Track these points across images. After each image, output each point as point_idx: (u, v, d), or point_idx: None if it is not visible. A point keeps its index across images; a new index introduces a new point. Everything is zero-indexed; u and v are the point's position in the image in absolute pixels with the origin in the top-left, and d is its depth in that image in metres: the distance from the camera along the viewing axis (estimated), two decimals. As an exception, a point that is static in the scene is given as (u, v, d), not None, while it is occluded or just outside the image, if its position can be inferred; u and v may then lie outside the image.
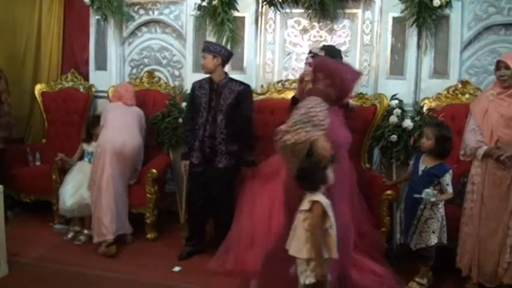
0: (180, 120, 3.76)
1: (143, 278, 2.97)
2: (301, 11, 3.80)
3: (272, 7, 3.81)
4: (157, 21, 4.28)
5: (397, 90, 3.53)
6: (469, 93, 3.47)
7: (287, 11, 3.88)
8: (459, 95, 3.50)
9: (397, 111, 3.41)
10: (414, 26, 3.52)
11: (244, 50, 3.93)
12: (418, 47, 3.60)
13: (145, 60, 4.37)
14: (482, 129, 2.75)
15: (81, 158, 3.77)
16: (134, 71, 4.40)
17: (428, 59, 3.59)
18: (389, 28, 3.64)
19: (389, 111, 3.44)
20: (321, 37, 3.86)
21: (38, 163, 4.19)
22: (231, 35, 3.85)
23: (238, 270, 2.91)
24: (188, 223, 3.47)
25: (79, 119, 4.27)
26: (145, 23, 4.31)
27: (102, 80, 4.31)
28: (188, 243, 3.36)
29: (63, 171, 3.71)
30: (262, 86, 3.90)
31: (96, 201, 3.33)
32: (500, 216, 2.69)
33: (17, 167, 4.00)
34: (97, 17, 4.26)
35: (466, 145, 2.82)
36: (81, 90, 4.34)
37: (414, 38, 3.58)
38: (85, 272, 3.03)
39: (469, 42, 3.60)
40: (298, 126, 2.27)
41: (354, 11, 3.78)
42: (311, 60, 3.00)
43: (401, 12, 3.55)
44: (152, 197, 3.57)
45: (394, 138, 3.36)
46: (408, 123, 3.35)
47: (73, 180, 3.57)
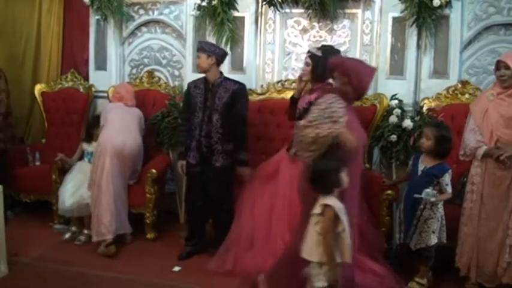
0: (179, 120, 3.77)
1: (143, 278, 2.97)
2: (301, 11, 3.79)
3: (272, 7, 3.81)
4: (157, 21, 4.28)
5: (397, 90, 3.53)
6: (469, 93, 3.47)
7: (287, 11, 3.88)
8: (459, 95, 3.50)
9: (397, 111, 3.42)
10: (414, 26, 3.52)
11: (244, 50, 3.93)
12: (418, 47, 3.60)
13: (145, 60, 4.36)
14: (482, 129, 2.75)
15: (81, 158, 3.77)
16: (134, 71, 4.40)
17: (428, 59, 3.59)
18: (389, 28, 3.63)
19: (389, 111, 3.45)
20: (320, 37, 3.86)
21: (37, 163, 4.18)
22: (231, 35, 3.85)
23: (238, 270, 2.91)
24: (187, 223, 3.47)
25: (79, 119, 4.27)
26: (145, 23, 4.31)
27: (102, 80, 4.31)
28: (188, 243, 3.36)
29: (63, 171, 3.71)
30: (262, 86, 3.90)
31: (95, 200, 3.34)
32: (499, 216, 2.69)
33: (16, 167, 4.00)
34: (97, 17, 4.26)
35: (465, 145, 2.82)
36: (81, 90, 4.34)
37: (414, 38, 3.58)
38: (85, 272, 3.03)
39: (469, 42, 3.60)
40: (318, 121, 2.25)
41: (353, 11, 3.78)
42: (309, 60, 3.01)
43: (401, 12, 3.55)
44: (152, 197, 3.57)
45: (393, 138, 3.36)
46: (408, 123, 3.35)
47: (73, 180, 3.57)
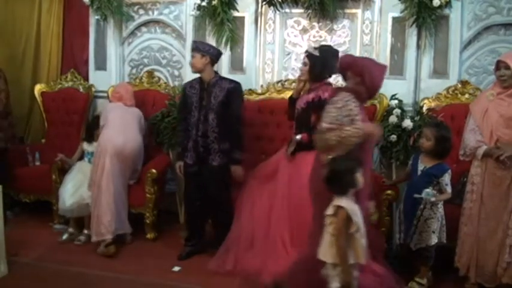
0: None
1: (143, 278, 2.97)
2: (301, 11, 3.79)
3: (272, 7, 3.81)
4: (157, 21, 4.28)
5: (397, 90, 3.53)
6: (469, 93, 3.47)
7: (287, 11, 3.88)
8: (459, 95, 3.50)
9: (397, 111, 3.42)
10: (414, 26, 3.52)
11: (243, 50, 3.93)
12: (418, 47, 3.60)
13: (145, 60, 4.36)
14: (482, 129, 2.75)
15: (81, 158, 3.77)
16: (134, 71, 4.40)
17: (428, 59, 3.59)
18: (389, 28, 3.64)
19: (389, 111, 3.45)
20: (320, 37, 3.86)
21: (37, 163, 4.19)
22: (231, 35, 3.85)
23: (238, 270, 2.91)
24: (187, 223, 3.47)
25: (79, 119, 4.27)
26: (145, 23, 4.31)
27: (101, 80, 4.31)
28: (188, 243, 3.36)
29: (63, 171, 3.70)
30: (262, 86, 3.90)
31: (95, 200, 3.34)
32: (499, 216, 2.68)
33: (16, 167, 4.00)
34: (97, 17, 4.26)
35: (465, 145, 2.81)
36: (81, 90, 4.34)
37: (414, 38, 3.58)
38: (85, 272, 3.02)
39: (469, 42, 3.60)
40: (339, 121, 2.22)
41: (353, 11, 3.77)
42: (306, 59, 3.02)
43: (401, 12, 3.55)
44: (152, 197, 3.57)
45: (393, 138, 3.36)
46: (408, 123, 3.35)
47: (73, 180, 3.57)
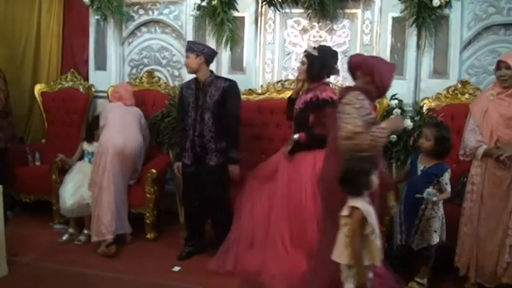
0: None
1: (143, 278, 2.97)
2: (301, 11, 3.80)
3: (272, 7, 3.81)
4: (157, 21, 4.28)
5: (397, 90, 3.52)
6: (469, 93, 3.47)
7: (287, 11, 3.88)
8: (459, 95, 3.51)
9: (397, 111, 3.42)
10: (414, 26, 3.52)
11: (243, 50, 3.93)
12: (418, 47, 3.60)
13: (145, 60, 4.36)
14: (482, 129, 2.75)
15: (81, 158, 3.77)
16: (134, 71, 4.40)
17: (428, 59, 3.59)
18: (389, 28, 3.64)
19: (389, 111, 3.45)
20: (320, 37, 3.87)
21: (37, 163, 4.19)
22: (231, 35, 3.85)
23: (238, 270, 2.92)
24: (186, 224, 3.46)
25: (79, 119, 4.27)
26: (145, 23, 4.31)
27: (101, 80, 4.31)
28: (188, 243, 3.36)
29: (63, 171, 3.70)
30: (262, 86, 3.90)
31: (96, 200, 3.33)
32: (499, 216, 2.68)
33: (16, 167, 3.99)
34: (97, 17, 4.26)
35: (465, 145, 2.81)
36: (81, 90, 4.34)
37: (414, 38, 3.58)
38: (85, 272, 3.02)
39: (469, 42, 3.60)
40: (364, 123, 2.21)
41: (353, 11, 3.78)
42: (305, 59, 3.04)
43: (401, 12, 3.55)
44: (152, 197, 3.56)
45: (393, 138, 3.36)
46: (408, 123, 3.35)
47: (73, 180, 3.56)
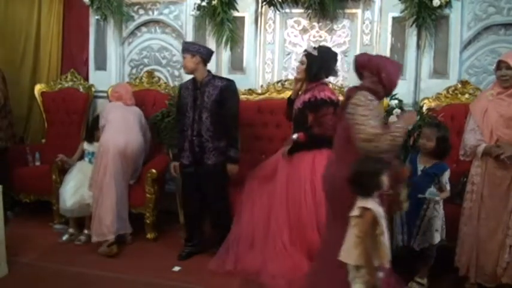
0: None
1: (143, 278, 2.97)
2: (301, 11, 3.80)
3: (272, 7, 3.82)
4: (157, 21, 4.28)
5: (397, 90, 3.42)
6: (469, 93, 3.47)
7: (287, 11, 3.88)
8: (459, 95, 3.51)
9: (397, 111, 3.41)
10: (414, 26, 3.52)
11: (243, 50, 3.94)
12: (418, 47, 3.60)
13: (145, 60, 4.36)
14: (482, 129, 2.75)
15: (81, 158, 3.76)
16: (134, 71, 4.40)
17: (428, 59, 3.59)
18: (389, 28, 3.64)
19: (389, 111, 3.44)
20: (320, 37, 3.87)
21: (37, 163, 4.19)
22: (231, 35, 3.86)
23: (239, 270, 2.92)
24: (185, 225, 3.46)
25: (79, 119, 4.27)
26: (145, 23, 4.31)
27: (101, 80, 4.31)
28: (188, 244, 3.36)
29: (63, 171, 3.70)
30: (262, 86, 3.90)
31: (97, 200, 3.33)
32: (499, 216, 2.68)
33: (16, 167, 3.99)
34: (97, 17, 4.26)
35: (465, 144, 2.81)
36: (81, 90, 4.34)
37: (414, 38, 3.58)
38: (85, 272, 3.02)
39: (469, 42, 3.61)
40: (378, 123, 2.21)
41: (353, 11, 3.78)
42: (304, 58, 3.04)
43: (401, 12, 3.55)
44: (152, 197, 3.56)
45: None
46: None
47: (73, 180, 3.56)
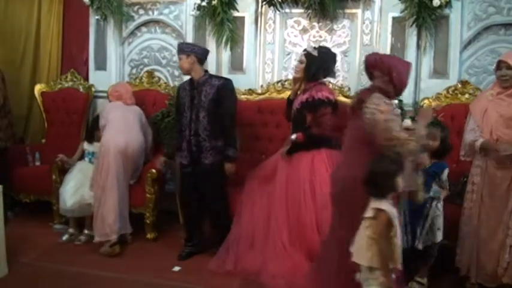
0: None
1: (143, 278, 2.97)
2: (301, 11, 3.80)
3: (272, 7, 3.81)
4: (157, 21, 4.28)
5: (397, 90, 3.52)
6: (469, 93, 3.47)
7: (287, 11, 3.88)
8: (459, 95, 3.51)
9: (397, 111, 3.41)
10: (414, 26, 3.52)
11: (244, 50, 3.94)
12: (418, 47, 3.60)
13: (145, 60, 4.36)
14: (482, 129, 2.75)
15: (81, 158, 3.76)
16: (134, 71, 4.40)
17: (428, 59, 3.59)
18: (389, 28, 3.64)
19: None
20: (320, 37, 3.87)
21: (37, 163, 4.19)
22: (231, 35, 3.86)
23: (239, 270, 2.92)
24: (185, 225, 3.46)
25: (79, 119, 4.27)
26: (145, 23, 4.31)
27: (101, 80, 4.31)
28: (188, 244, 3.36)
29: (63, 171, 3.70)
30: (262, 86, 3.90)
31: (99, 200, 3.32)
32: (500, 216, 2.68)
33: (16, 167, 3.99)
34: (97, 17, 4.26)
35: (465, 144, 2.82)
36: (81, 90, 4.34)
37: (414, 38, 3.58)
38: (85, 272, 3.02)
39: (469, 42, 3.61)
40: (400, 127, 2.20)
41: (353, 11, 3.78)
42: (303, 58, 3.04)
43: (401, 12, 3.55)
44: (152, 197, 3.56)
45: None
46: (408, 123, 3.34)
47: (73, 179, 3.55)
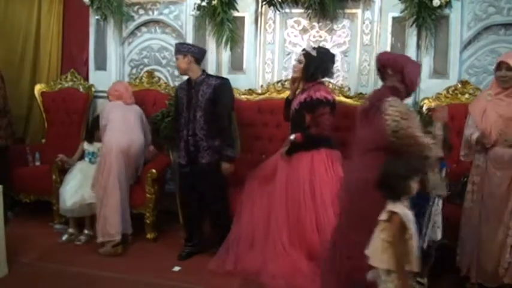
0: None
1: (143, 278, 2.97)
2: (301, 11, 3.80)
3: (272, 7, 3.81)
4: (157, 21, 4.28)
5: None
6: (469, 93, 3.47)
7: (287, 11, 3.88)
8: (459, 95, 3.51)
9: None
10: (414, 26, 3.52)
11: (244, 50, 3.94)
12: (418, 47, 3.60)
13: (145, 60, 4.36)
14: (481, 129, 2.75)
15: (81, 158, 3.76)
16: (134, 71, 4.40)
17: (428, 59, 3.59)
18: (389, 28, 3.64)
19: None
20: (320, 37, 3.86)
21: (37, 163, 4.19)
22: (231, 35, 3.86)
23: (239, 270, 2.92)
24: (184, 225, 3.46)
25: (79, 119, 4.27)
26: (145, 23, 4.31)
27: (101, 80, 4.31)
28: (188, 244, 3.36)
29: (63, 171, 3.70)
30: (262, 86, 3.90)
31: (102, 201, 3.31)
32: (500, 216, 2.68)
33: (16, 167, 3.99)
34: (97, 17, 4.26)
35: (463, 142, 2.82)
36: (81, 90, 4.34)
37: (414, 38, 3.58)
38: (85, 272, 3.02)
39: (469, 42, 3.61)
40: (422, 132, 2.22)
41: (353, 11, 3.78)
42: (302, 57, 3.05)
43: (401, 12, 3.55)
44: (152, 197, 3.56)
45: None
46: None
47: (73, 179, 3.56)
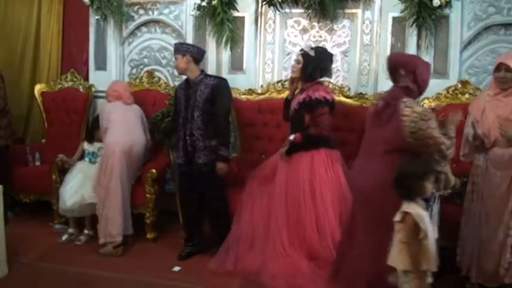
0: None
1: (143, 278, 2.97)
2: (301, 11, 3.79)
3: (272, 7, 3.81)
4: (157, 21, 4.28)
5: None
6: (469, 93, 3.46)
7: (287, 11, 3.88)
8: (459, 95, 3.50)
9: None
10: (414, 26, 3.52)
11: (244, 50, 3.94)
12: (418, 47, 3.60)
13: (145, 60, 4.36)
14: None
15: (81, 158, 3.76)
16: (134, 71, 4.40)
17: (428, 59, 3.55)
18: (389, 28, 3.64)
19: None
20: (320, 37, 3.86)
21: (37, 163, 4.19)
22: (231, 35, 3.86)
23: (239, 270, 2.93)
24: (184, 225, 3.46)
25: (79, 119, 4.27)
26: (145, 23, 4.31)
27: (101, 80, 4.29)
28: (188, 244, 3.36)
29: (63, 171, 3.70)
30: (262, 86, 3.90)
31: (104, 202, 3.31)
32: (500, 216, 2.67)
33: (16, 167, 3.99)
34: (97, 17, 4.26)
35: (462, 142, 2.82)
36: (81, 90, 4.34)
37: (414, 38, 3.58)
38: (85, 272, 3.03)
39: (469, 42, 3.60)
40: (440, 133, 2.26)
41: (353, 11, 3.78)
42: (300, 57, 3.06)
43: (401, 12, 3.55)
44: (152, 197, 3.56)
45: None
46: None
47: (73, 179, 3.55)
